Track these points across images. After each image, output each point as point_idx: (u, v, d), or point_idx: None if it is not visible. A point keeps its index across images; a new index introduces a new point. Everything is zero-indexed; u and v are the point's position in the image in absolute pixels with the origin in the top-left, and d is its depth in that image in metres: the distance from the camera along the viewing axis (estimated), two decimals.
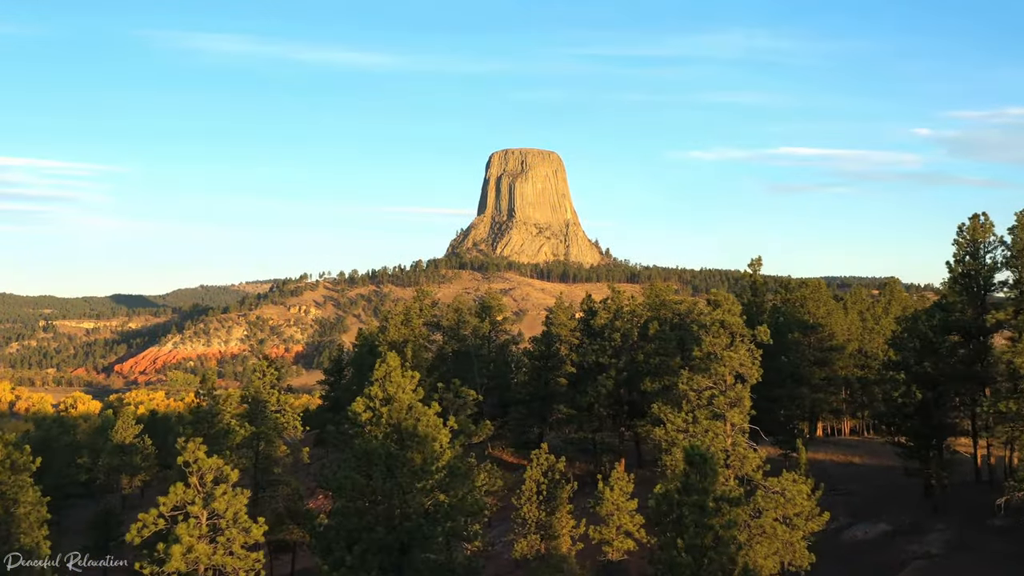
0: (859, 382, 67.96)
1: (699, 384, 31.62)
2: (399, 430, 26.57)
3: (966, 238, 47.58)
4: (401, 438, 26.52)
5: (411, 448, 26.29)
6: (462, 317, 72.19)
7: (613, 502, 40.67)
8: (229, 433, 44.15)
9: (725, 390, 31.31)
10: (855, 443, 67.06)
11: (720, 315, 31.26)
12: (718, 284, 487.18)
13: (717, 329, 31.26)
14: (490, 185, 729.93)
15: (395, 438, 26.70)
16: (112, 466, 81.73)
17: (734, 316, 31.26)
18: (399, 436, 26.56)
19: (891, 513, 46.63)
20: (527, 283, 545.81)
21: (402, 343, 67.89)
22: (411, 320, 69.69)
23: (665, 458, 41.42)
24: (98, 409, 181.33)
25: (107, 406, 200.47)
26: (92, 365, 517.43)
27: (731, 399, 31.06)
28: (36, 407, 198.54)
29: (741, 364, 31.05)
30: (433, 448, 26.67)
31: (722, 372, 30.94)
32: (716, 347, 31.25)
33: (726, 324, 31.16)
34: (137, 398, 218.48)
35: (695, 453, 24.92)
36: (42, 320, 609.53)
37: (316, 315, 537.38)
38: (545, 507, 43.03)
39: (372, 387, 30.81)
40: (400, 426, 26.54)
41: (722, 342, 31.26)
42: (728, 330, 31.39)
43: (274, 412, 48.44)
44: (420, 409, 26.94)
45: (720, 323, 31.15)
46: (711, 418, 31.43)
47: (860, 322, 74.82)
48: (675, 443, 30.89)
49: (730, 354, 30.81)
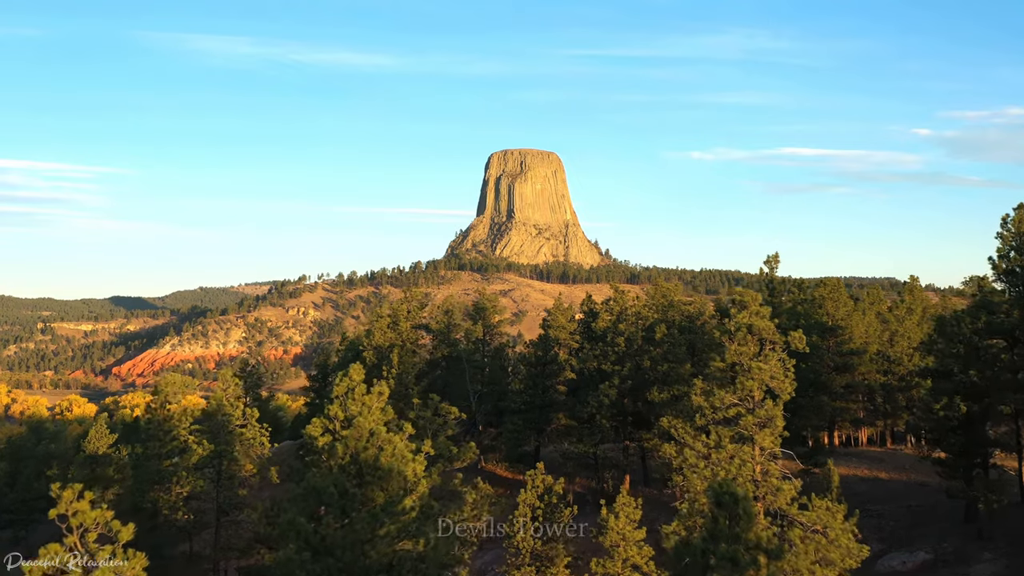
0: (882, 389, 62.86)
1: (722, 400, 26.55)
2: (357, 462, 21.52)
3: (1011, 230, 42.46)
4: (360, 472, 21.46)
5: (372, 484, 21.24)
6: (452, 320, 67.10)
7: (619, 531, 35.54)
8: (185, 452, 39.12)
9: (753, 408, 26.26)
10: (878, 455, 61.98)
11: (747, 318, 26.22)
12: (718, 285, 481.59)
13: (744, 336, 26.21)
14: (489, 186, 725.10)
15: (353, 471, 21.65)
16: (82, 479, 76.55)
17: (763, 320, 26.24)
18: (358, 469, 21.51)
19: (930, 539, 41.58)
20: (527, 284, 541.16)
21: (388, 348, 62.87)
22: (399, 323, 64.61)
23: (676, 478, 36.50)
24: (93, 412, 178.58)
25: (102, 409, 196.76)
26: (90, 367, 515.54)
27: (760, 419, 26.03)
28: (31, 410, 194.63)
29: (772, 377, 26.03)
30: (399, 484, 21.62)
31: (750, 387, 25.90)
32: (742, 357, 26.23)
33: (754, 329, 26.14)
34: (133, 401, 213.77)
35: (725, 492, 19.90)
36: (40, 322, 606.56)
37: (315, 317, 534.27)
38: (541, 535, 37.99)
39: (332, 406, 25.82)
40: (359, 457, 21.49)
41: (749, 351, 26.22)
42: (756, 336, 26.37)
43: (239, 427, 43.41)
44: (383, 436, 21.90)
45: (747, 328, 26.12)
46: (737, 441, 26.37)
47: (879, 324, 69.79)
48: (696, 471, 25.83)
49: (759, 365, 25.77)
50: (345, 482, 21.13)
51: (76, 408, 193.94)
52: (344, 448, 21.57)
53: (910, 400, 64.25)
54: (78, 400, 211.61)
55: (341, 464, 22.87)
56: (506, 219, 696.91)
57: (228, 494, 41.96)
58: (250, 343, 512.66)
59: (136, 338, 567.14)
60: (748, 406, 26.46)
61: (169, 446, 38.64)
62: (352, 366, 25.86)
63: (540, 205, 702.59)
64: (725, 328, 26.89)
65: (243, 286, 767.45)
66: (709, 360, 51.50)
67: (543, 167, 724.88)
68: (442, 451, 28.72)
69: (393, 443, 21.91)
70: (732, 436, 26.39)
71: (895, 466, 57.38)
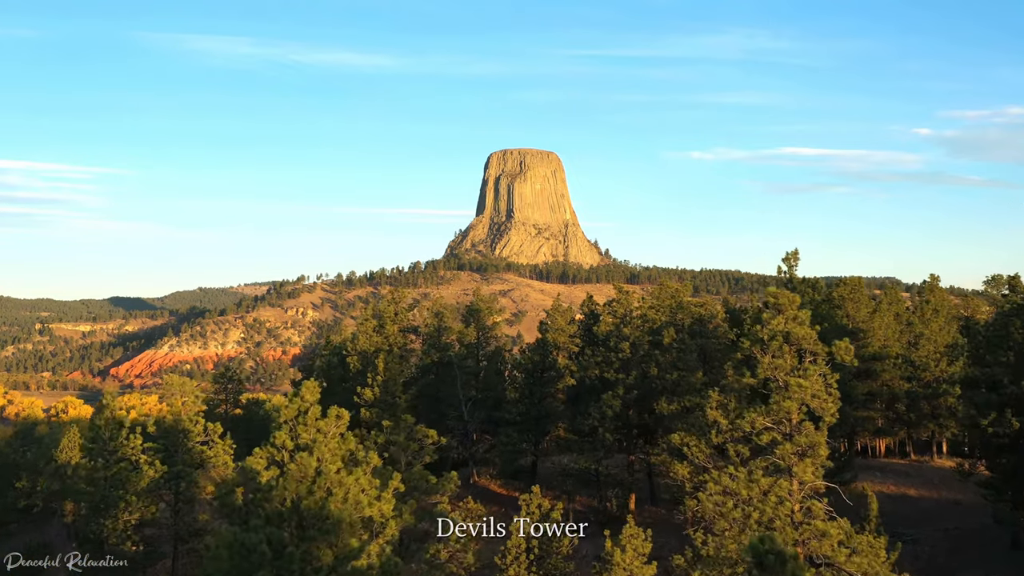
0: (907, 396, 58.24)
1: (752, 423, 21.95)
2: (299, 510, 16.94)
3: None
4: (301, 522, 16.89)
5: (316, 539, 16.66)
6: (443, 322, 62.45)
7: (625, 567, 30.95)
8: (134, 473, 34.55)
9: (791, 433, 21.67)
10: (902, 468, 57.39)
11: (783, 325, 21.64)
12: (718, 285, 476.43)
13: (779, 346, 21.63)
14: (489, 186, 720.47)
15: (295, 522, 17.07)
16: (53, 491, 71.98)
17: (803, 326, 21.66)
18: (299, 519, 16.94)
19: (973, 569, 37.00)
20: (526, 284, 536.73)
21: (374, 353, 58.30)
22: (385, 326, 60.02)
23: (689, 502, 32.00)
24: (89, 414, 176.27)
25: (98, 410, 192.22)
26: (88, 368, 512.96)
27: (800, 447, 21.45)
28: (26, 412, 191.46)
29: (814, 396, 21.45)
30: (352, 536, 17.03)
31: (787, 408, 21.30)
32: (778, 371, 21.64)
33: (792, 338, 21.57)
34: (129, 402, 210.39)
35: (768, 552, 15.40)
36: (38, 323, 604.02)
37: (314, 317, 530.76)
38: (537, 569, 33.42)
39: (279, 433, 21.23)
40: (300, 505, 16.91)
41: (786, 364, 21.64)
42: (794, 346, 21.79)
43: (199, 444, 38.82)
44: (333, 477, 17.32)
45: (783, 337, 21.55)
46: (771, 473, 21.78)
47: (900, 326, 65.12)
48: (723, 511, 21.23)
49: (799, 382, 21.18)
50: (283, 536, 16.54)
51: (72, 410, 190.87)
52: (283, 491, 16.98)
53: (935, 408, 59.72)
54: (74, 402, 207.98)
55: (280, 512, 18.31)
56: (505, 219, 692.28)
57: (187, 520, 37.42)
58: (248, 344, 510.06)
59: (134, 339, 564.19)
60: (785, 430, 21.87)
61: (115, 468, 34.05)
62: (305, 384, 21.26)
63: (540, 205, 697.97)
64: (756, 336, 22.30)
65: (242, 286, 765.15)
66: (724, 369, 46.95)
67: (542, 167, 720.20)
68: (417, 483, 24.19)
69: (345, 485, 17.34)
70: (766, 467, 21.81)
71: (923, 481, 52.82)
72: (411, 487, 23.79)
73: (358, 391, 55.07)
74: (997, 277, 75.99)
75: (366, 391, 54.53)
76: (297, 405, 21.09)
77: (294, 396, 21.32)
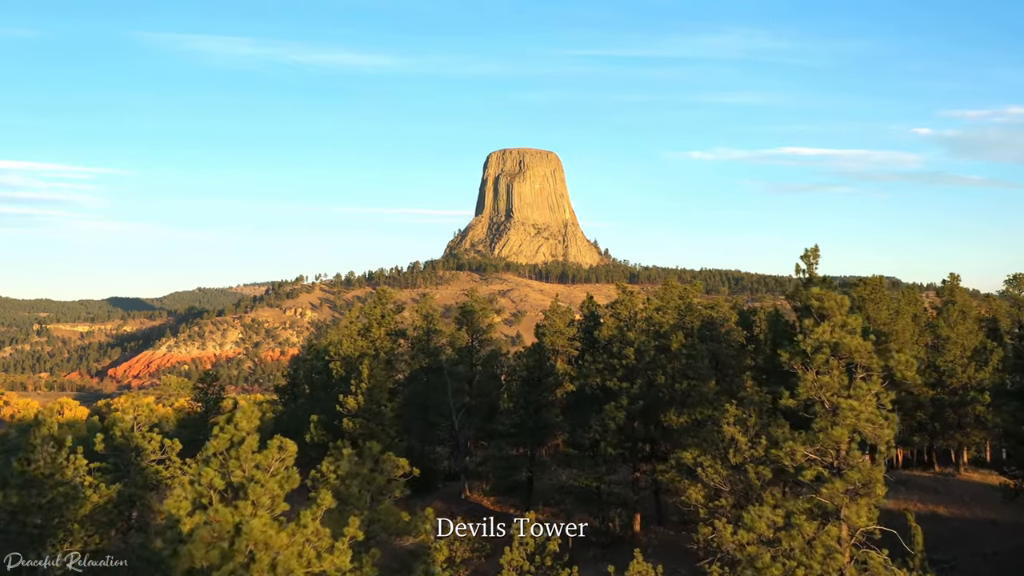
0: (932, 404, 54.19)
1: (792, 454, 17.86)
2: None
3: None
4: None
5: None
6: (432, 325, 58.32)
7: None
8: (75, 501, 30.44)
9: (841, 467, 17.59)
10: (928, 483, 53.26)
11: (829, 334, 17.58)
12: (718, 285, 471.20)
13: (825, 360, 17.57)
14: (488, 185, 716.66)
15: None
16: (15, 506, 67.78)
17: (855, 337, 17.62)
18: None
19: None
20: (525, 284, 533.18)
21: (358, 358, 54.28)
22: (371, 329, 55.97)
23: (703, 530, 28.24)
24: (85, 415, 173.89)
25: (93, 412, 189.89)
26: (86, 369, 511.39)
27: (852, 484, 17.37)
28: (21, 413, 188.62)
29: (868, 421, 17.39)
30: None
31: (836, 436, 17.24)
32: (825, 391, 17.57)
33: (841, 350, 17.51)
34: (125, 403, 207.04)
35: None
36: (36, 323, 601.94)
37: (312, 317, 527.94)
38: None
39: (207, 469, 17.13)
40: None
41: (834, 382, 17.57)
42: (843, 360, 17.73)
43: (153, 463, 34.74)
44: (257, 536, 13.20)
45: (832, 348, 17.49)
46: (815, 516, 17.71)
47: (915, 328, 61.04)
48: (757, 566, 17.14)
49: (851, 404, 17.12)
50: None
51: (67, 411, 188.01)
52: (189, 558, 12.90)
53: (962, 417, 55.71)
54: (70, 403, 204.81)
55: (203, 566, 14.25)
56: (505, 219, 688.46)
57: (142, 549, 33.26)
58: (247, 344, 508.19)
59: (132, 339, 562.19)
60: (832, 462, 17.79)
61: (51, 494, 29.96)
62: (241, 408, 17.20)
63: (539, 205, 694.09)
64: (797, 348, 18.22)
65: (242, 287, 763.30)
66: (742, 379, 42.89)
67: (542, 166, 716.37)
68: (386, 523, 20.15)
69: (274, 547, 13.21)
70: (809, 509, 17.74)
71: (952, 498, 48.71)
72: (377, 529, 19.76)
73: (341, 399, 51.12)
74: (1020, 276, 71.96)
75: (349, 399, 50.56)
76: (230, 434, 17.01)
77: (227, 422, 17.25)
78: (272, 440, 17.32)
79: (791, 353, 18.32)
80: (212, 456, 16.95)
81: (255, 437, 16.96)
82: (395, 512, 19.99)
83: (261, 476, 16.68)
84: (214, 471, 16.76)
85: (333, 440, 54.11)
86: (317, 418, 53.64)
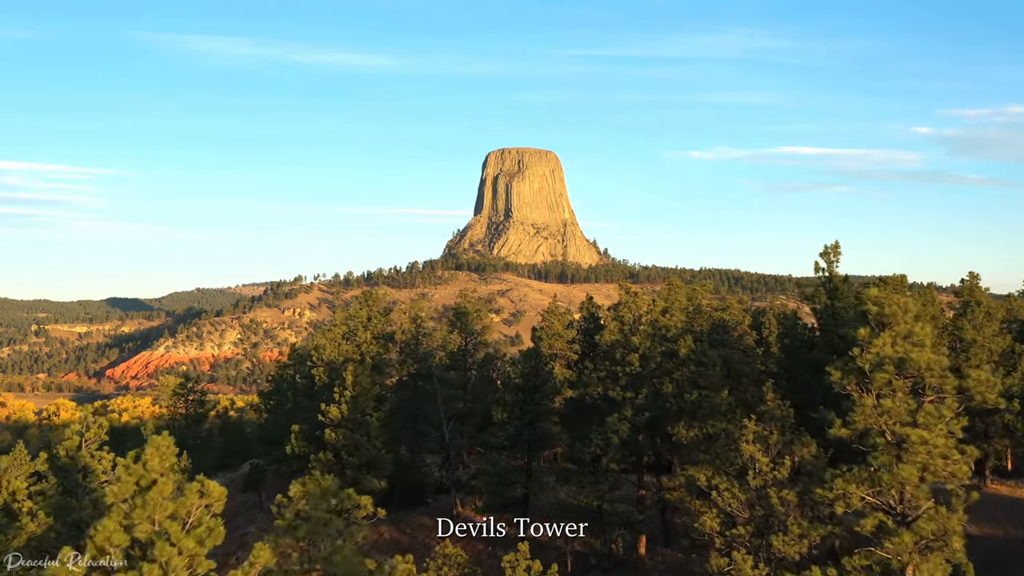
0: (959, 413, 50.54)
1: (847, 497, 14.22)
2: None
3: None
4: None
5: None
6: (421, 328, 54.67)
7: None
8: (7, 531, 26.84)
9: (908, 515, 13.98)
10: None
11: (892, 348, 13.94)
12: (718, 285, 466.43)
13: (888, 380, 13.96)
14: (487, 185, 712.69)
15: None
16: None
17: (924, 351, 13.98)
18: None
19: None
20: (524, 284, 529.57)
21: (342, 364, 50.68)
22: (356, 333, 52.35)
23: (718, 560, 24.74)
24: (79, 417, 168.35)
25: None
26: (83, 370, 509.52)
27: (921, 536, 13.75)
28: (17, 415, 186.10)
29: (942, 456, 13.79)
30: None
31: (904, 476, 13.63)
32: (886, 419, 13.95)
33: (908, 367, 13.90)
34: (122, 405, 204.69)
35: None
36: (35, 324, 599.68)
37: (311, 317, 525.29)
38: None
39: (106, 522, 13.50)
40: None
41: (899, 408, 13.96)
42: (909, 380, 14.13)
43: (104, 484, 31.09)
44: None
45: (896, 366, 13.88)
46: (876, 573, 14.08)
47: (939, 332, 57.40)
48: None
49: (920, 435, 13.51)
50: None
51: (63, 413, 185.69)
52: None
53: (988, 426, 52.09)
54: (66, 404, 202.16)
55: None
56: (504, 218, 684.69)
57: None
58: (245, 345, 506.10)
59: (131, 340, 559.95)
60: (894, 507, 14.19)
61: None
62: (151, 442, 13.57)
63: (538, 204, 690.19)
64: (852, 366, 14.60)
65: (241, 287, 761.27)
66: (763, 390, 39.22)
67: (541, 166, 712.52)
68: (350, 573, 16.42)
69: None
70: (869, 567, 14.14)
71: (984, 516, 44.99)
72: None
73: (323, 408, 47.56)
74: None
75: (332, 409, 47.00)
76: (136, 477, 13.40)
77: (134, 460, 13.63)
78: (191, 486, 13.71)
79: (844, 371, 14.70)
80: (113, 506, 13.34)
81: (168, 481, 13.36)
82: (357, 560, 16.45)
83: (175, 531, 13.09)
84: (115, 524, 13.15)
85: (315, 452, 50.60)
86: (299, 428, 50.14)
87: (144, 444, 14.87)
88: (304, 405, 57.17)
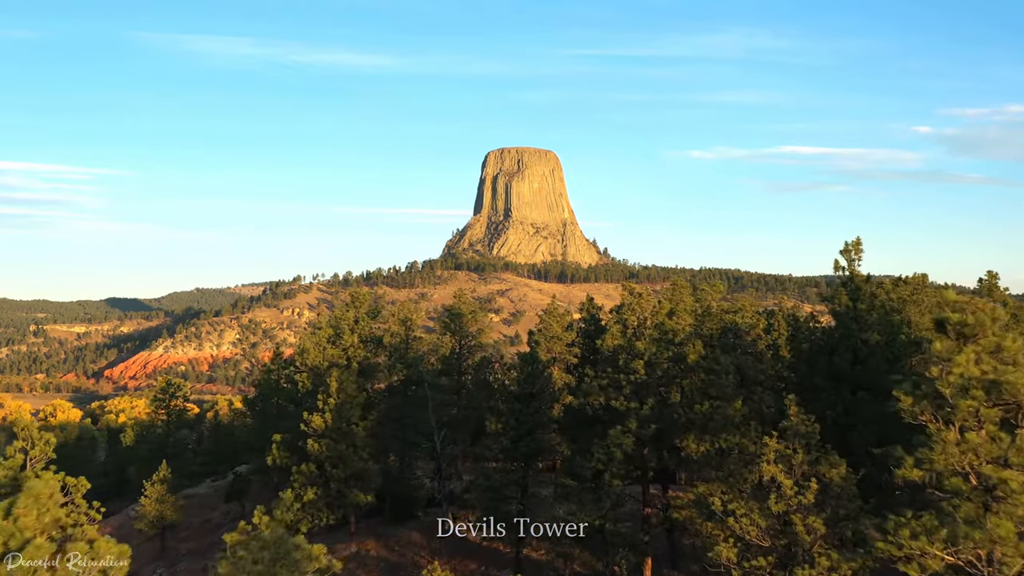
0: None
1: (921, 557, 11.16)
2: None
3: None
4: None
5: None
6: (411, 331, 51.63)
7: None
8: None
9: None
10: None
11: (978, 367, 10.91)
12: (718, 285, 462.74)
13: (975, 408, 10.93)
14: (486, 185, 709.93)
15: None
16: None
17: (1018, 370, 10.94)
18: None
19: None
20: (524, 283, 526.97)
21: (327, 369, 47.65)
22: (342, 336, 49.32)
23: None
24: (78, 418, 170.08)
25: (87, 414, 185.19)
26: (82, 370, 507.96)
27: None
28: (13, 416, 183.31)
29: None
30: None
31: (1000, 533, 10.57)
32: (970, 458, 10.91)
33: (1002, 392, 10.86)
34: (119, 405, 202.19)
35: None
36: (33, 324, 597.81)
37: (309, 318, 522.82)
38: None
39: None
40: None
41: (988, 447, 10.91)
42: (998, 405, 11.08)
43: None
44: None
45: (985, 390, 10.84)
46: None
47: None
48: None
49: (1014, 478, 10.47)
50: None
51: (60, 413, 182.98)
52: None
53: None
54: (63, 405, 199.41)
55: None
56: (503, 218, 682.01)
57: None
58: (244, 345, 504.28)
59: (129, 340, 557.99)
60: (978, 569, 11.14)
61: None
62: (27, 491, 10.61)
63: (538, 204, 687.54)
64: (926, 389, 11.53)
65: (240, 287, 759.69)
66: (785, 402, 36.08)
67: (540, 165, 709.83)
68: None
69: None
70: None
71: None
72: None
73: (305, 417, 44.54)
74: None
75: (315, 417, 43.96)
76: (5, 536, 10.33)
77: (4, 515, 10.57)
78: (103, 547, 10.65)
79: (917, 396, 11.62)
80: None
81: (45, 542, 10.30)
82: None
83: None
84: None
85: (298, 463, 47.59)
86: (280, 437, 47.09)
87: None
88: (289, 412, 54.16)
